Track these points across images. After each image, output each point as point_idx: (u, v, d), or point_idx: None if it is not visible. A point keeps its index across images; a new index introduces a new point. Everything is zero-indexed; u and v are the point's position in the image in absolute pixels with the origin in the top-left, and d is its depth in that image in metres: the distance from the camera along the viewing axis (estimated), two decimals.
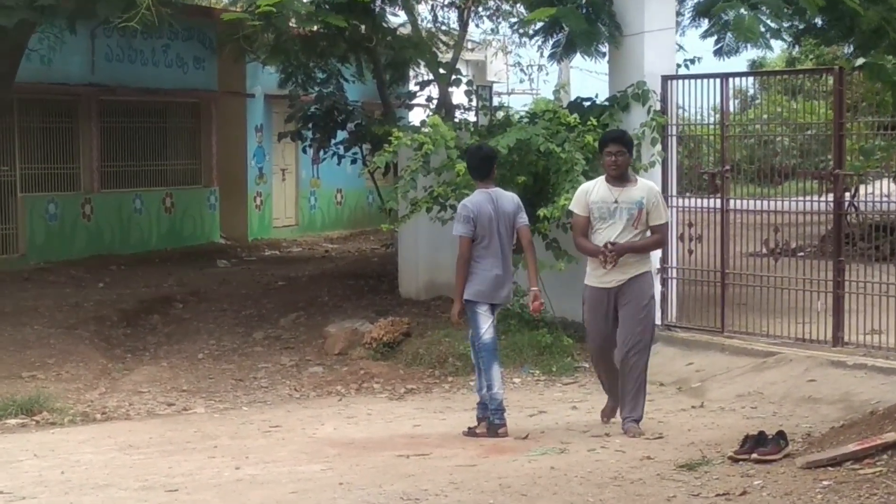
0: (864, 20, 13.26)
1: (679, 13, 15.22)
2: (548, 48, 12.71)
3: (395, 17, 18.59)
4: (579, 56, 12.52)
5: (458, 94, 17.00)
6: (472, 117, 16.09)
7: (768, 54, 16.35)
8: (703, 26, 14.31)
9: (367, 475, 7.46)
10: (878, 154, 13.31)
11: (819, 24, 14.91)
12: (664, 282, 11.77)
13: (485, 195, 8.69)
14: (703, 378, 10.45)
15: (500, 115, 14.06)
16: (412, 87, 18.70)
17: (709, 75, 11.59)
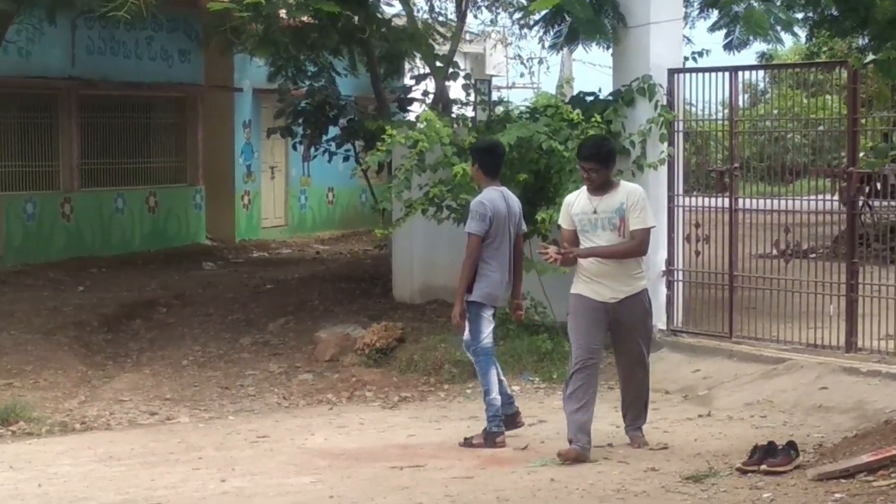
0: (878, 10, 13.30)
1: (687, 3, 15.23)
2: (549, 38, 12.72)
3: (390, 8, 18.61)
4: (581, 48, 12.54)
5: (456, 89, 16.98)
6: (470, 112, 16.08)
7: (779, 46, 16.31)
8: (711, 18, 14.34)
9: (358, 488, 7.46)
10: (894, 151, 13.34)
11: (833, 14, 14.94)
12: (669, 284, 11.77)
13: (497, 193, 8.77)
14: (710, 386, 10.46)
15: (500, 110, 14.06)
16: (407, 80, 18.70)
17: (718, 69, 11.59)
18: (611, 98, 12.08)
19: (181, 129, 21.70)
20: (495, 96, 27.59)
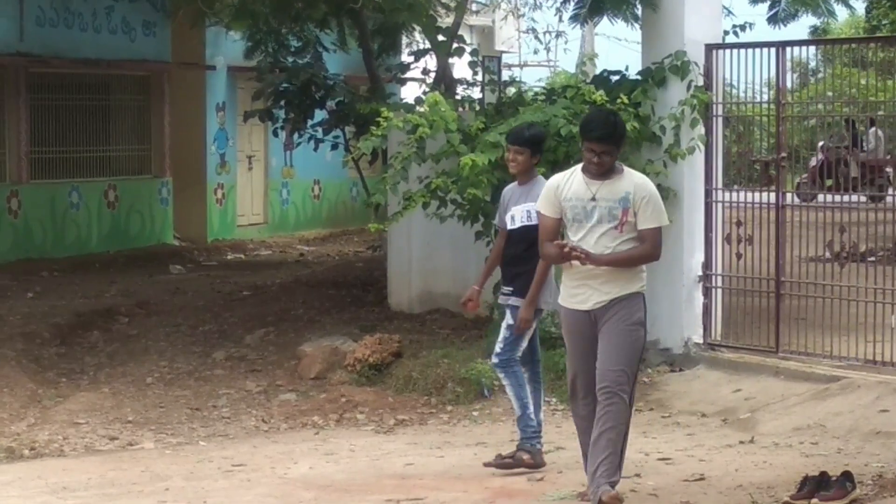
0: None
1: None
2: (569, 9, 12.74)
3: None
4: (606, 20, 12.54)
5: (461, 67, 16.99)
6: (476, 94, 16.09)
7: (832, 20, 16.35)
8: None
9: None
10: None
11: None
12: (707, 292, 11.78)
13: None
14: (753, 407, 10.46)
15: (511, 91, 14.05)
16: (405, 57, 18.71)
17: (762, 44, 11.61)
18: (639, 78, 12.09)
19: (145, 112, 21.73)
20: (505, 75, 27.60)
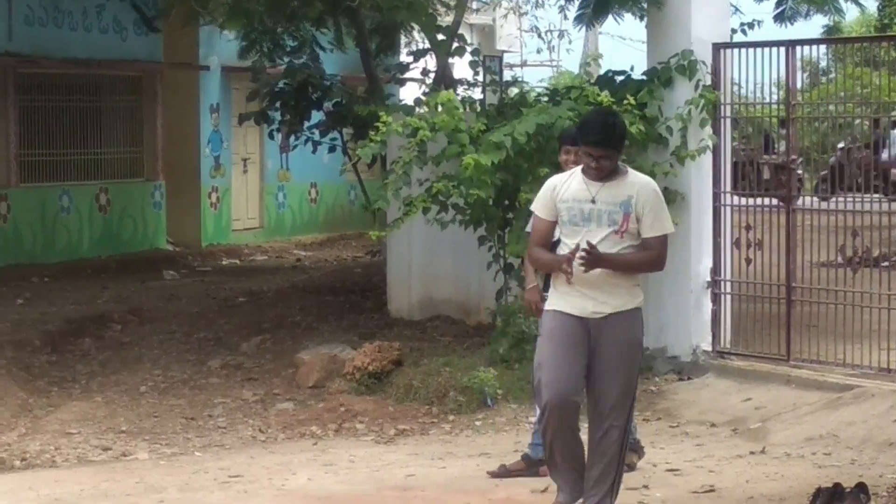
0: None
1: None
2: (573, 9, 12.75)
3: None
4: (611, 19, 12.54)
5: (461, 67, 16.99)
6: (477, 95, 16.09)
7: (841, 18, 16.36)
8: None
9: None
10: None
11: None
12: (715, 298, 11.78)
13: None
14: (763, 417, 10.46)
15: (513, 92, 14.06)
16: (404, 57, 18.72)
17: (771, 43, 11.61)
18: (645, 78, 12.12)
19: (137, 114, 21.73)
20: (507, 75, 27.61)
